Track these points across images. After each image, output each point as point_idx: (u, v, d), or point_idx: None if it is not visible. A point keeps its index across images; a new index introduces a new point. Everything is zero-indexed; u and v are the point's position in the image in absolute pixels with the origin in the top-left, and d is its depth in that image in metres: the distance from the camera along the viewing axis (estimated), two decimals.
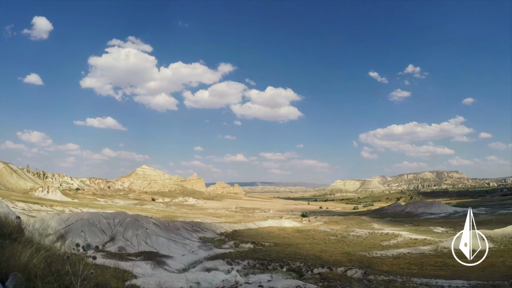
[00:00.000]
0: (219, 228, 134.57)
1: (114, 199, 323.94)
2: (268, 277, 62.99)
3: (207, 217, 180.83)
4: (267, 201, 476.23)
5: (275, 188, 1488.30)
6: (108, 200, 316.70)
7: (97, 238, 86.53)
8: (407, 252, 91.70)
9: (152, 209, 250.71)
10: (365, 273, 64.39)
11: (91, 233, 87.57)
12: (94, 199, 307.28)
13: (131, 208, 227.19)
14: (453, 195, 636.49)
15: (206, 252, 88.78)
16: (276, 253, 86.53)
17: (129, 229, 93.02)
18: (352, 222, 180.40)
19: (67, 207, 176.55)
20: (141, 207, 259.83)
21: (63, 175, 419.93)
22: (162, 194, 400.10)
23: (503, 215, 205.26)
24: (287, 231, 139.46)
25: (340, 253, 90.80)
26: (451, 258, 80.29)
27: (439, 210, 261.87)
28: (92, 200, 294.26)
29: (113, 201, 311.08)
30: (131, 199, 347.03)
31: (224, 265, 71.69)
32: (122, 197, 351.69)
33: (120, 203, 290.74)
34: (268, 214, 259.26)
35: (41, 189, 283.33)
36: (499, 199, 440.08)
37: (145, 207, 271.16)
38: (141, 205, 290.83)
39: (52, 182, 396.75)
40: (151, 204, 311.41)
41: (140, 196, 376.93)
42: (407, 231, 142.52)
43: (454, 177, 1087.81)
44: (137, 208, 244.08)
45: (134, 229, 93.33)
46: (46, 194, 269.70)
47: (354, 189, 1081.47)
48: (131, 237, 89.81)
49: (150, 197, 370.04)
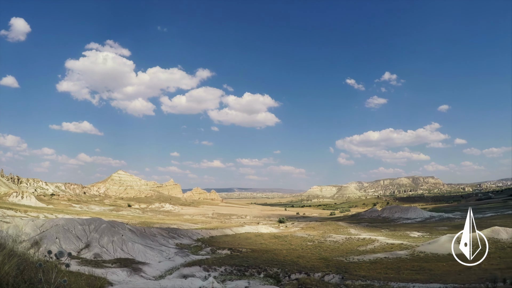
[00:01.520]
0: (196, 234, 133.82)
1: (90, 205, 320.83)
2: (245, 283, 62.60)
3: (184, 223, 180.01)
4: (244, 207, 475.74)
5: (252, 194, 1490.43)
6: (84, 206, 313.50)
7: (72, 244, 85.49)
8: (384, 257, 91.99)
9: (128, 215, 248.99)
10: (342, 278, 64.44)
11: (66, 239, 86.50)
12: (69, 205, 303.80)
13: (107, 214, 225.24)
14: (429, 200, 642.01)
15: (183, 258, 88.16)
16: (253, 259, 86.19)
17: (104, 235, 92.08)
18: (329, 227, 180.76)
19: (41, 213, 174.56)
20: (117, 213, 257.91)
21: (38, 180, 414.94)
22: (138, 200, 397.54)
23: (478, 219, 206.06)
24: (264, 237, 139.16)
25: (317, 258, 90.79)
26: (427, 262, 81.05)
27: (415, 215, 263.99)
28: (67, 206, 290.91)
29: (88, 207, 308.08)
30: (107, 205, 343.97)
31: (201, 271, 71.19)
32: (97, 203, 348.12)
33: (95, 209, 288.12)
34: (245, 220, 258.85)
35: (15, 194, 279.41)
36: (474, 203, 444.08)
37: (121, 213, 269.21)
38: (117, 211, 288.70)
39: (26, 187, 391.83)
40: (127, 210, 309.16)
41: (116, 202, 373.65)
42: (384, 236, 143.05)
43: (430, 183, 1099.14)
44: (113, 214, 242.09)
45: (110, 235, 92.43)
46: (20, 200, 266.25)
47: (330, 194, 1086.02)
48: (106, 244, 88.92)
49: (126, 203, 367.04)
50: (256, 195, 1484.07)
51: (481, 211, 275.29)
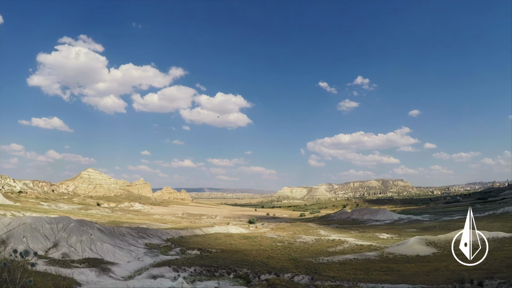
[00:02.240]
0: (165, 234, 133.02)
1: (58, 203, 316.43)
2: (215, 283, 62.39)
3: (153, 223, 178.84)
4: (214, 207, 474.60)
5: (222, 194, 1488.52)
6: (52, 204, 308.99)
7: (39, 244, 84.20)
8: (353, 258, 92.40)
9: (97, 214, 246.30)
10: (312, 279, 64.51)
11: (34, 238, 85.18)
12: (37, 203, 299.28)
13: (76, 213, 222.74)
14: (398, 203, 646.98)
15: (152, 258, 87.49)
16: (223, 260, 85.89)
17: (73, 234, 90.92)
18: (299, 228, 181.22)
19: (8, 211, 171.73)
20: (86, 212, 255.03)
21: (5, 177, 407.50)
22: (107, 199, 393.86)
23: (446, 221, 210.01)
24: (234, 238, 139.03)
25: (287, 259, 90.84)
26: (396, 263, 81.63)
27: (385, 217, 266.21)
28: (35, 204, 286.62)
29: (57, 205, 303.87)
30: (76, 203, 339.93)
31: (170, 272, 70.65)
32: (66, 201, 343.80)
33: (64, 208, 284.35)
34: (215, 221, 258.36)
35: None
36: (442, 206, 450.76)
37: (90, 212, 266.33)
38: (86, 209, 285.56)
39: None
40: (96, 209, 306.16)
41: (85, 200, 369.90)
42: (353, 237, 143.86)
43: (399, 185, 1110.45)
44: (82, 213, 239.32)
45: (79, 235, 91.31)
46: None
47: (301, 196, 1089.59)
48: (75, 243, 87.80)
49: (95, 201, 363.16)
50: (226, 195, 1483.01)
51: (449, 214, 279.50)
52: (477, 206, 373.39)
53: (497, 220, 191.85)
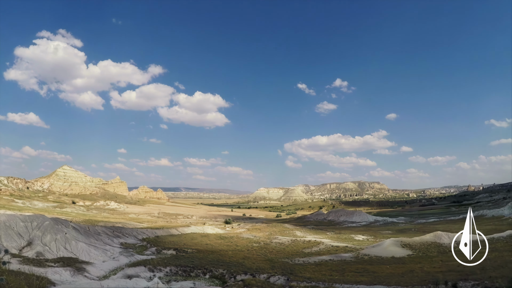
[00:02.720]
0: (141, 233, 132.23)
1: (33, 201, 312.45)
2: (191, 284, 62.13)
3: (129, 222, 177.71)
4: (191, 207, 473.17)
5: (199, 194, 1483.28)
6: (27, 201, 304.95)
7: (13, 242, 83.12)
8: (329, 259, 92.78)
9: (72, 212, 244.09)
10: (287, 280, 64.51)
11: (7, 236, 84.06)
12: (12, 200, 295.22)
13: (51, 211, 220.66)
14: (374, 205, 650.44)
15: (128, 258, 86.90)
16: (198, 260, 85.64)
17: (47, 233, 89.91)
18: (275, 229, 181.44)
19: None
20: (61, 210, 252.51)
21: None
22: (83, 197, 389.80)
23: (421, 224, 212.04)
24: (210, 238, 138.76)
25: (263, 260, 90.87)
26: (371, 265, 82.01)
27: (360, 219, 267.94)
28: (9, 201, 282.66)
29: (31, 203, 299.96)
30: (51, 201, 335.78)
31: (146, 272, 70.21)
32: (41, 199, 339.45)
33: (39, 205, 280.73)
34: (191, 220, 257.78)
35: None
36: (418, 209, 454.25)
37: (65, 210, 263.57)
38: (61, 208, 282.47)
39: None
40: (71, 207, 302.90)
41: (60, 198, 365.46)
42: (329, 238, 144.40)
43: (375, 188, 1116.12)
44: (57, 211, 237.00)
45: (53, 233, 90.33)
46: None
47: (277, 197, 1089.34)
48: (49, 242, 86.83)
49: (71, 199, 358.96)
50: (203, 195, 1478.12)
51: (425, 217, 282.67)
52: (452, 209, 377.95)
53: None
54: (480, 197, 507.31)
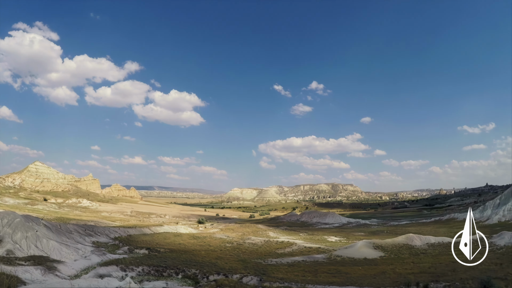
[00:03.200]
0: (114, 232, 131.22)
1: (3, 197, 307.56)
2: (163, 284, 61.86)
3: (101, 220, 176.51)
4: (164, 206, 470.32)
5: (172, 193, 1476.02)
6: None
7: None
8: (302, 260, 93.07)
9: (44, 209, 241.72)
10: (260, 280, 64.58)
11: None
12: None
13: (21, 208, 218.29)
14: (347, 207, 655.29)
15: (100, 257, 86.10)
16: (171, 260, 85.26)
17: (18, 231, 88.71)
18: (248, 230, 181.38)
19: None
20: (32, 207, 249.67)
21: None
22: (55, 194, 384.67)
23: (393, 226, 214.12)
24: (183, 238, 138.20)
25: (236, 260, 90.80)
26: (344, 266, 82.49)
27: (333, 220, 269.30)
28: None
29: (2, 199, 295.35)
30: (22, 198, 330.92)
31: (118, 271, 69.66)
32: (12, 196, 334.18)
33: (9, 202, 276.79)
34: (164, 220, 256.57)
35: None
36: (390, 211, 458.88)
37: (36, 207, 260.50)
38: (32, 205, 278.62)
39: None
40: (42, 204, 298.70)
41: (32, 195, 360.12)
42: (302, 239, 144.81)
43: (348, 190, 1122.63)
44: (28, 208, 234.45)
45: (24, 231, 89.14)
46: None
47: (251, 197, 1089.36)
48: (20, 240, 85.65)
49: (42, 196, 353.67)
50: (176, 194, 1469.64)
51: (397, 219, 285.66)
52: (424, 212, 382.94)
53: (443, 226, 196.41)
54: (451, 201, 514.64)
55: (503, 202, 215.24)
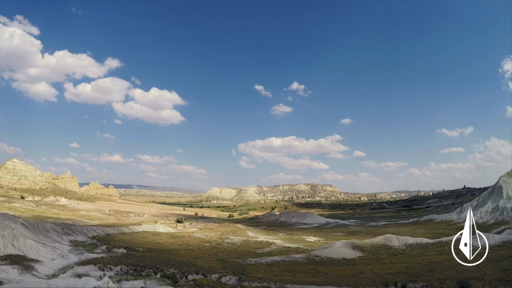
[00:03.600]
0: (92, 231, 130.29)
1: None
2: (141, 283, 61.65)
3: (79, 219, 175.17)
4: (142, 205, 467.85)
5: (151, 192, 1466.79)
6: None
7: None
8: (281, 260, 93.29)
9: (21, 207, 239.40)
10: (239, 280, 64.59)
11: None
12: None
13: None
14: (326, 207, 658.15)
15: (77, 256, 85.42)
16: (150, 259, 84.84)
17: None
18: (227, 229, 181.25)
19: None
20: (9, 205, 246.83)
21: None
22: (32, 192, 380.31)
23: (372, 227, 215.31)
24: (162, 237, 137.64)
25: (215, 260, 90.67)
26: (323, 266, 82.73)
27: (312, 220, 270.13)
28: None
29: None
30: None
31: (96, 270, 69.19)
32: None
33: None
34: (143, 219, 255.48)
35: None
36: (369, 212, 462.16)
37: (13, 205, 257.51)
38: (9, 202, 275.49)
39: None
40: (20, 202, 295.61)
41: (9, 192, 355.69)
42: (281, 239, 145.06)
43: (327, 190, 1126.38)
44: (5, 206, 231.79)
45: (1, 229, 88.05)
46: None
47: (230, 197, 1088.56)
48: None
49: (20, 194, 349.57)
50: (155, 193, 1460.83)
51: (375, 220, 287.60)
52: (402, 213, 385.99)
53: (421, 227, 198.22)
54: (429, 202, 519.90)
55: (481, 204, 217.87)
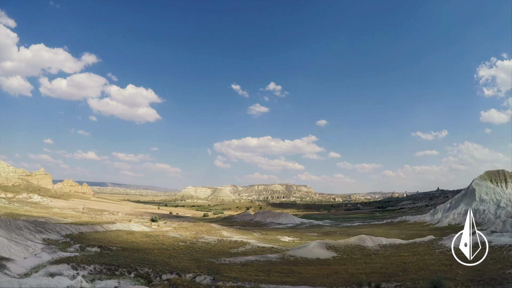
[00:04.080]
0: (65, 229, 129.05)
1: None
2: (115, 283, 61.19)
3: (53, 217, 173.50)
4: (117, 203, 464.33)
5: (126, 190, 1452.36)
6: None
7: None
8: (255, 260, 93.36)
9: None
10: (213, 279, 64.51)
11: None
12: None
13: None
14: (301, 208, 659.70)
15: (50, 255, 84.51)
16: (123, 258, 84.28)
17: None
18: (202, 228, 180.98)
19: None
20: None
21: None
22: (4, 189, 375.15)
23: (346, 227, 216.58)
24: (136, 236, 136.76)
25: (189, 259, 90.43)
26: (297, 266, 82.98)
27: (287, 220, 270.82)
28: None
29: None
30: None
31: (69, 270, 68.54)
32: None
33: None
34: (117, 217, 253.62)
35: None
36: (343, 213, 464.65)
37: None
38: None
39: None
40: None
41: None
42: (256, 239, 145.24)
43: (302, 191, 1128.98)
44: None
45: None
46: None
47: (205, 196, 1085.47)
48: None
49: None
50: (129, 191, 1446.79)
51: (350, 221, 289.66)
52: (376, 214, 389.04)
53: (395, 228, 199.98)
54: (403, 204, 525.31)
55: (454, 206, 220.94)
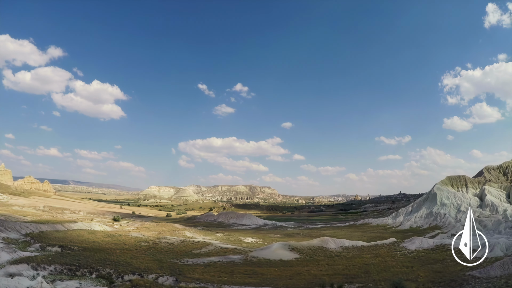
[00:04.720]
0: (25, 228, 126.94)
1: None
2: (76, 284, 60.38)
3: (12, 215, 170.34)
4: (78, 202, 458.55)
5: (88, 189, 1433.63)
6: None
7: None
8: (218, 261, 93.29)
9: None
10: (176, 280, 64.22)
11: None
12: None
13: None
14: (264, 209, 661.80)
15: (10, 255, 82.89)
16: (85, 258, 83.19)
17: None
18: (165, 229, 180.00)
19: None
20: None
21: None
22: None
23: (309, 229, 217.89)
24: (98, 235, 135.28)
25: (152, 260, 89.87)
26: (260, 267, 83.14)
27: (250, 221, 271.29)
28: None
29: None
30: None
31: (29, 270, 67.33)
32: None
33: None
34: (78, 216, 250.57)
35: None
36: (306, 215, 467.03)
37: None
38: None
39: None
40: None
41: None
42: (219, 240, 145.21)
43: (266, 192, 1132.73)
44: None
45: None
46: None
47: (168, 196, 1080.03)
48: None
49: None
50: (92, 190, 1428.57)
51: (313, 222, 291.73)
52: (339, 216, 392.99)
53: (357, 230, 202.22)
54: (366, 207, 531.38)
55: (415, 209, 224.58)
